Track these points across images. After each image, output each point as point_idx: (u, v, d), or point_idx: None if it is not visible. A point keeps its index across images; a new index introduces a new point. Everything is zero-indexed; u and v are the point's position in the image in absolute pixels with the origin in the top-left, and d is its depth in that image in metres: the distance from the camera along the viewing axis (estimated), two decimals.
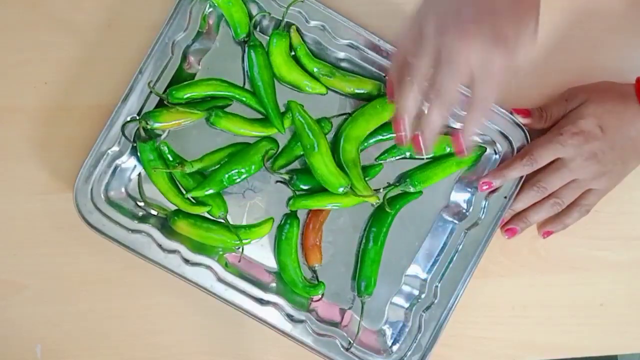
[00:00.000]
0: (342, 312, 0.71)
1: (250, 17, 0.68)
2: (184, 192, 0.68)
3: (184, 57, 0.67)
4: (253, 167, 0.67)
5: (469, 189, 0.70)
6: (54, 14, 0.69)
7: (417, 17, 0.55)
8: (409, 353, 0.68)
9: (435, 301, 0.69)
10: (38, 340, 0.69)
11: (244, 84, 0.70)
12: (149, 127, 0.66)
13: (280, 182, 0.69)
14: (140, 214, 0.68)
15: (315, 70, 0.69)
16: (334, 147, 0.69)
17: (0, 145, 0.69)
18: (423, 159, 0.70)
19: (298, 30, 0.68)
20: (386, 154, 0.70)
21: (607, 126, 0.66)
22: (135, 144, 0.66)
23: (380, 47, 0.68)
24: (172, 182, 0.68)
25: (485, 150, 0.70)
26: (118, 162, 0.66)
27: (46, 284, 0.69)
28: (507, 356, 0.73)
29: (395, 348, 0.69)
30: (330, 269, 0.70)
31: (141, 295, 0.70)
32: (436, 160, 0.70)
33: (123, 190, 0.68)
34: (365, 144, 0.70)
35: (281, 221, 0.70)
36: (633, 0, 0.73)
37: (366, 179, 0.69)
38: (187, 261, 0.66)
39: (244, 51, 0.69)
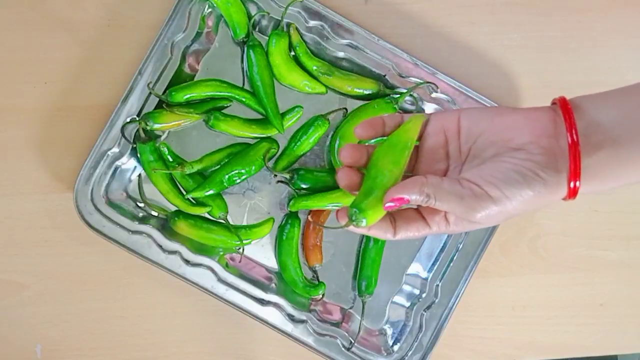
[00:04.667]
0: (343, 311, 0.71)
1: (250, 17, 0.68)
2: (184, 192, 0.68)
3: (184, 57, 0.67)
4: (253, 167, 0.67)
5: None
6: (54, 14, 0.69)
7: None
8: (410, 352, 0.68)
9: (436, 300, 0.69)
10: (38, 340, 0.69)
11: (244, 84, 0.69)
12: (148, 128, 0.66)
13: (281, 181, 0.69)
14: (141, 215, 0.68)
15: (314, 68, 0.69)
16: (330, 146, 0.69)
17: (0, 145, 0.69)
18: None
19: (297, 29, 0.68)
20: None
21: None
22: (135, 145, 0.66)
23: (379, 47, 0.68)
24: (172, 183, 0.68)
25: None
26: (118, 163, 0.66)
27: (46, 284, 0.69)
28: (507, 356, 0.73)
29: (396, 347, 0.69)
30: (331, 269, 0.70)
31: (141, 295, 0.70)
32: None
33: (123, 191, 0.68)
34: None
35: (282, 221, 0.70)
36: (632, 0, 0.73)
37: None
38: (187, 262, 0.66)
39: (243, 51, 0.69)
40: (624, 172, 0.45)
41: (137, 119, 0.66)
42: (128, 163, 0.68)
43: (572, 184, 0.45)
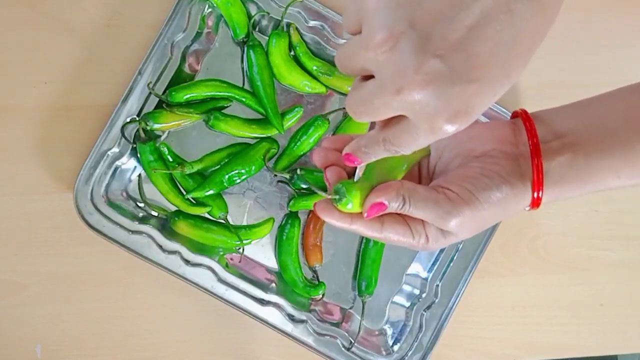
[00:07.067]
0: (343, 311, 0.71)
1: (250, 17, 0.68)
2: (184, 192, 0.68)
3: (184, 57, 0.67)
4: (253, 167, 0.67)
5: None
6: (54, 14, 0.69)
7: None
8: (410, 352, 0.68)
9: (436, 300, 0.69)
10: (38, 340, 0.69)
11: (244, 84, 0.69)
12: (148, 128, 0.66)
13: (281, 181, 0.69)
14: (141, 215, 0.68)
15: (314, 68, 0.69)
16: None
17: (0, 145, 0.69)
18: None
19: (297, 29, 0.68)
20: None
21: None
22: (135, 145, 0.66)
23: None
24: (172, 183, 0.68)
25: None
26: (118, 163, 0.66)
27: (46, 284, 0.69)
28: (507, 356, 0.73)
29: (396, 347, 0.69)
30: (331, 269, 0.70)
31: (141, 295, 0.70)
32: None
33: (123, 191, 0.68)
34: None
35: (282, 221, 0.70)
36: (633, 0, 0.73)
37: None
38: (187, 262, 0.66)
39: (243, 51, 0.69)
40: (585, 175, 0.46)
41: (137, 119, 0.66)
42: (128, 163, 0.68)
43: (535, 194, 0.46)
